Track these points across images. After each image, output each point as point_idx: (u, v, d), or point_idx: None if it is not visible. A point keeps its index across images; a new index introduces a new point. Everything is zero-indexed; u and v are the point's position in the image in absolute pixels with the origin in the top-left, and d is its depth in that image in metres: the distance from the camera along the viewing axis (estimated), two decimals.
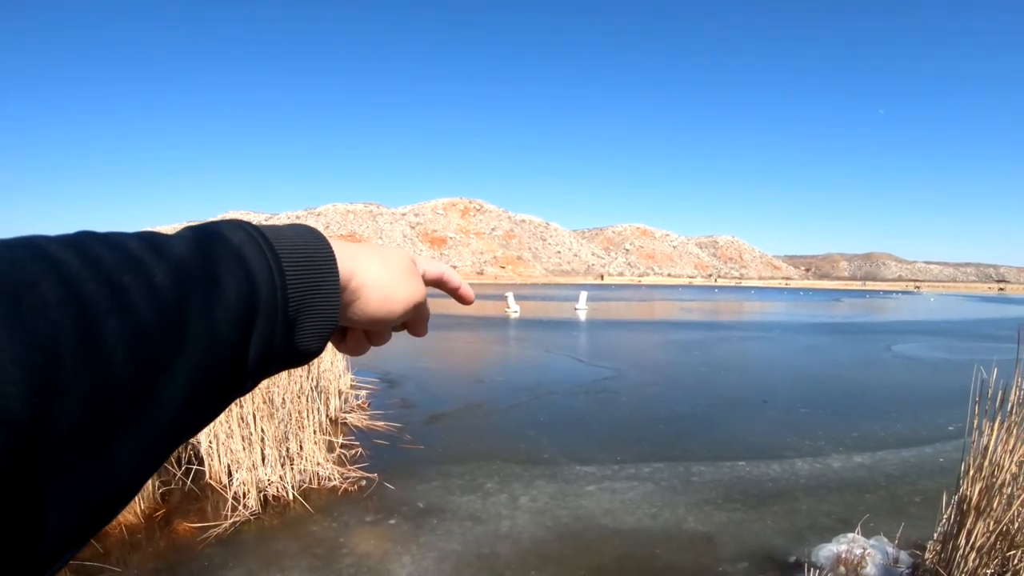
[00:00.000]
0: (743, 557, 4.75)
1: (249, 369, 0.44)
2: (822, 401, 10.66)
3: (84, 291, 0.32)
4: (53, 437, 0.29)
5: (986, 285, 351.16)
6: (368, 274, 0.55)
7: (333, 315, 0.50)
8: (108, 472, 0.33)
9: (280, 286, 0.45)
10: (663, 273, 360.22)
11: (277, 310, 0.45)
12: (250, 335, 0.43)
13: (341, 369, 9.25)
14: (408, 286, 0.59)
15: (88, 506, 0.33)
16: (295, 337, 0.48)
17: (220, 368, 0.40)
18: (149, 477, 0.38)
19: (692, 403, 10.42)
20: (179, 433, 0.39)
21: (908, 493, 6.11)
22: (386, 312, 0.57)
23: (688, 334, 23.54)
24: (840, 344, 20.86)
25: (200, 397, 0.39)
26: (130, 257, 0.36)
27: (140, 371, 0.34)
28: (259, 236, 0.46)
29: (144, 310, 0.35)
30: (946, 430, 8.45)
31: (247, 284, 0.43)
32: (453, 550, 4.76)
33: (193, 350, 0.38)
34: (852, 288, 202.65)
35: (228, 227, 0.46)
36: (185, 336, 0.37)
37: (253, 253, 0.44)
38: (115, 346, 0.32)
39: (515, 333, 21.77)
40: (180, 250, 0.40)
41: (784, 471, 6.73)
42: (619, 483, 6.25)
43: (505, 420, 8.94)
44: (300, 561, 4.56)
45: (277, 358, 0.47)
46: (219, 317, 0.40)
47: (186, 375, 0.37)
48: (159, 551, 4.77)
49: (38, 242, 0.33)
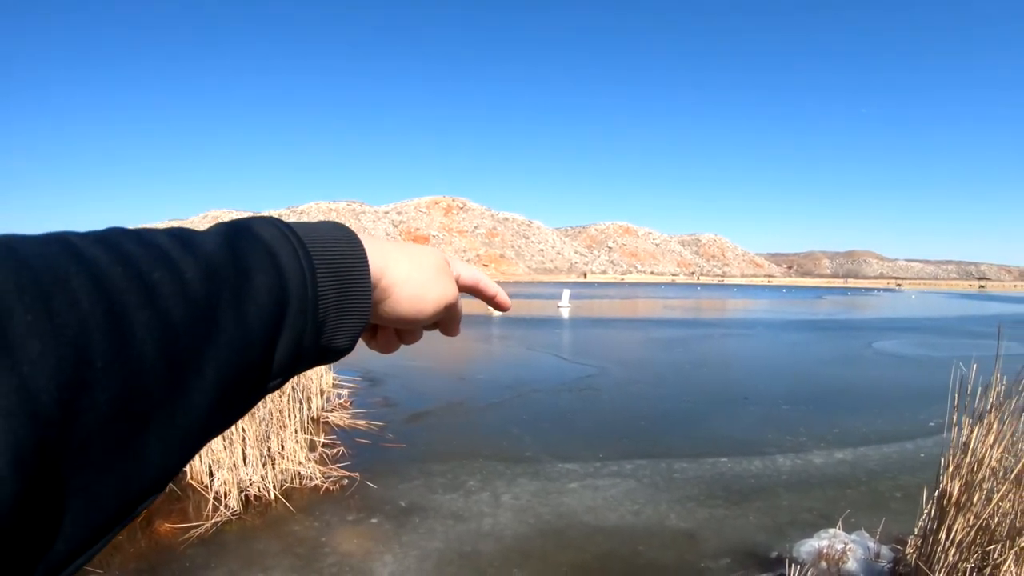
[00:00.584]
0: (725, 553, 4.78)
1: (279, 366, 0.44)
2: (804, 398, 10.75)
3: (114, 287, 0.32)
4: (82, 432, 0.29)
5: (967, 282, 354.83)
6: (399, 272, 0.55)
7: (364, 313, 0.50)
8: (136, 467, 0.33)
9: (311, 284, 0.45)
10: (646, 271, 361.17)
11: (308, 308, 0.45)
12: (280, 332, 0.43)
13: (323, 368, 9.21)
14: (439, 286, 0.59)
15: (117, 500, 0.33)
16: (325, 335, 0.48)
17: (250, 364, 0.41)
18: (178, 472, 0.38)
19: (674, 400, 10.48)
20: (208, 429, 0.39)
21: (889, 488, 6.17)
22: (416, 311, 0.57)
23: (671, 331, 23.67)
24: (822, 341, 21.04)
25: (229, 393, 0.39)
26: (161, 253, 0.36)
27: (170, 367, 0.34)
28: (291, 233, 0.46)
29: (174, 307, 0.35)
30: (926, 426, 8.53)
31: (278, 281, 0.43)
32: (435, 548, 4.76)
33: (223, 347, 0.38)
34: (834, 286, 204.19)
35: (259, 223, 0.46)
36: (215, 333, 0.38)
37: (284, 250, 0.44)
38: (145, 342, 0.33)
39: (498, 331, 21.75)
40: (211, 247, 0.40)
41: (766, 467, 6.78)
42: (601, 480, 6.27)
43: (487, 418, 8.94)
44: (282, 561, 4.55)
45: (307, 356, 0.47)
46: (249, 314, 0.40)
47: (216, 371, 0.37)
48: (140, 552, 4.73)
49: (69, 238, 0.33)
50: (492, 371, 13.60)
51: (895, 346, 19.48)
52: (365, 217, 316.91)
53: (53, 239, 0.33)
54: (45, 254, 0.31)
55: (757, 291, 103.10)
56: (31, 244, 0.31)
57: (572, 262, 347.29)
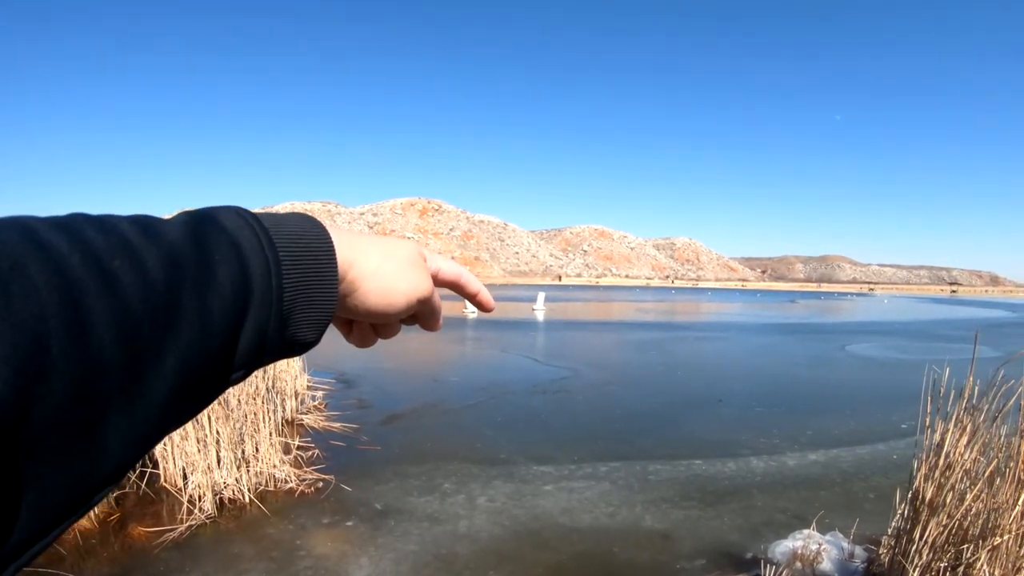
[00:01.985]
0: (700, 554, 4.82)
1: (241, 359, 0.43)
2: (777, 400, 10.85)
3: (73, 275, 0.32)
4: (37, 419, 0.29)
5: (939, 287, 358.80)
6: (368, 265, 0.54)
7: (330, 306, 0.49)
8: (93, 457, 0.33)
9: (276, 275, 0.44)
10: (621, 274, 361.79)
11: (271, 300, 0.44)
12: (243, 324, 0.42)
13: (297, 370, 9.15)
14: (411, 279, 0.57)
15: (72, 490, 0.33)
16: (291, 328, 0.47)
17: (211, 356, 0.40)
18: (135, 463, 0.38)
19: (649, 402, 10.53)
20: (167, 420, 0.39)
21: (863, 489, 6.25)
22: (385, 305, 0.56)
23: (645, 334, 23.75)
24: (795, 344, 21.22)
25: (190, 384, 0.39)
26: (121, 241, 0.36)
27: (128, 356, 0.34)
28: (256, 223, 0.46)
29: (133, 295, 0.35)
30: (899, 428, 8.64)
31: (241, 272, 0.42)
32: (411, 551, 4.76)
33: (184, 337, 0.38)
34: (807, 290, 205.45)
35: (224, 213, 0.45)
36: (176, 322, 0.37)
37: (248, 241, 0.44)
38: (103, 330, 0.32)
39: (472, 333, 21.72)
40: (174, 235, 0.40)
41: (740, 469, 6.84)
42: (576, 482, 6.30)
43: (462, 420, 8.94)
44: (257, 564, 4.53)
45: (271, 348, 0.46)
46: (211, 305, 0.40)
47: (176, 362, 0.37)
48: (114, 556, 4.69)
49: (29, 223, 0.33)
50: (466, 373, 13.58)
51: (868, 349, 19.70)
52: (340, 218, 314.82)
53: (12, 224, 0.32)
54: (3, 240, 0.31)
55: (731, 295, 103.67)
56: None
57: (547, 265, 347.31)
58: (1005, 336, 23.26)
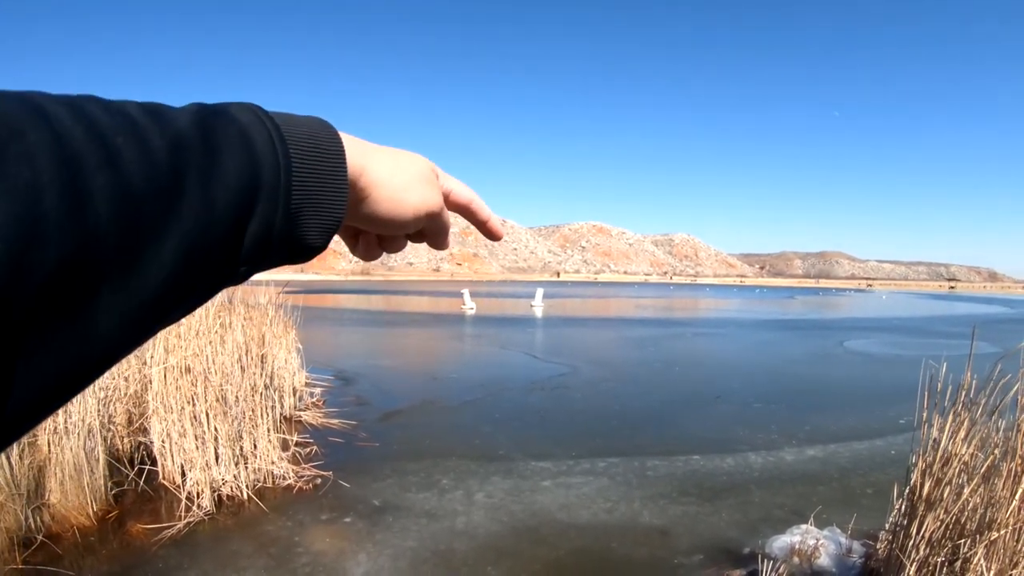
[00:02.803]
0: (698, 549, 4.83)
1: (247, 253, 0.42)
2: (775, 396, 10.86)
3: (74, 145, 0.31)
4: (29, 288, 0.29)
5: (937, 283, 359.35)
6: (380, 173, 0.53)
7: (340, 211, 0.49)
8: (85, 335, 0.33)
9: (285, 170, 0.44)
10: (619, 270, 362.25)
11: (279, 198, 0.43)
12: (249, 218, 0.41)
13: (296, 367, 9.17)
14: (422, 192, 0.56)
15: (60, 370, 0.32)
16: (298, 229, 0.46)
17: (212, 246, 0.39)
18: (128, 351, 0.37)
19: (647, 399, 10.55)
20: (164, 307, 0.38)
21: (860, 485, 6.25)
22: (395, 215, 0.55)
23: (643, 331, 23.78)
24: (793, 340, 21.23)
25: (189, 272, 0.38)
26: (128, 120, 0.35)
27: (126, 233, 0.33)
28: (268, 120, 0.45)
29: (135, 173, 0.34)
30: (897, 423, 8.63)
31: (249, 165, 0.41)
32: (409, 547, 4.76)
33: (185, 221, 0.37)
34: (806, 286, 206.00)
35: (237, 107, 0.44)
36: (178, 206, 0.36)
37: (260, 136, 0.43)
38: (101, 204, 0.32)
39: (471, 330, 21.75)
40: (182, 122, 0.39)
41: (738, 464, 6.84)
42: (574, 478, 6.30)
43: (460, 417, 8.95)
44: (255, 561, 4.53)
45: (278, 247, 0.45)
46: (216, 193, 0.39)
47: (176, 246, 0.36)
48: (112, 553, 4.69)
49: (34, 96, 0.33)
50: (465, 370, 13.59)
51: (866, 345, 19.71)
52: None
53: (17, 95, 0.32)
54: (4, 108, 0.30)
55: (730, 291, 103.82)
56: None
57: (545, 261, 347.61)
58: (1003, 332, 23.25)
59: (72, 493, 5.04)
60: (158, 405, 5.57)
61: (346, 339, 18.40)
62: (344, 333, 19.65)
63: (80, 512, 5.05)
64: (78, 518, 5.01)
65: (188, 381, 5.54)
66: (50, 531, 4.82)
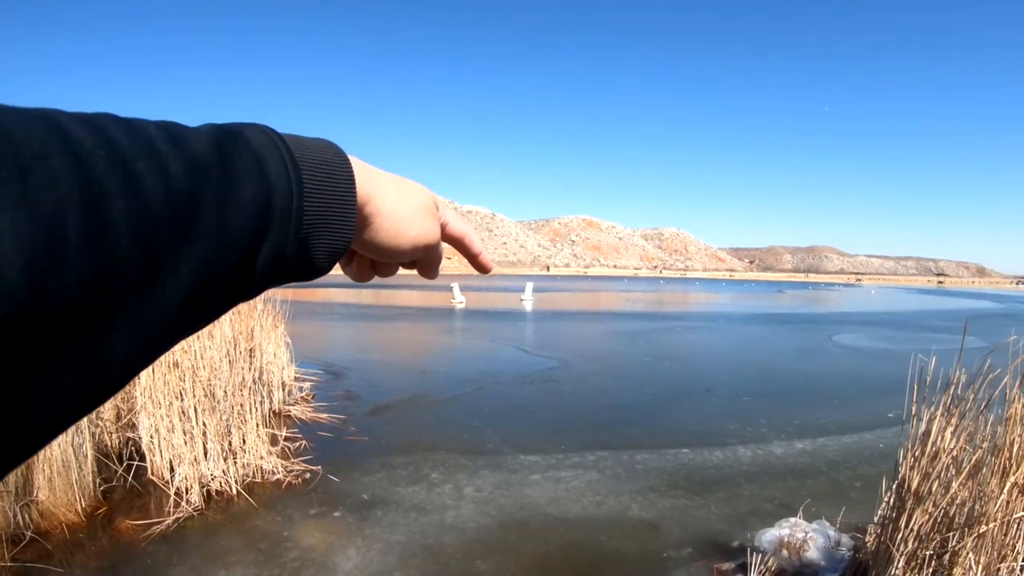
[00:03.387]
0: (687, 543, 4.84)
1: (257, 276, 0.43)
2: (764, 389, 10.91)
3: (95, 171, 0.32)
4: (49, 313, 0.29)
5: (926, 278, 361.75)
6: (385, 202, 0.54)
7: (347, 235, 0.50)
8: (102, 357, 0.33)
9: (297, 196, 0.45)
10: (609, 264, 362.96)
11: (291, 221, 0.44)
12: (262, 241, 0.42)
13: (285, 361, 9.14)
14: (421, 225, 0.58)
15: (78, 390, 0.33)
16: (307, 252, 0.47)
17: (226, 269, 0.40)
18: (142, 369, 0.38)
19: (636, 392, 10.57)
20: (178, 328, 0.39)
21: (849, 478, 6.29)
22: (394, 245, 0.56)
23: (633, 324, 23.83)
24: (782, 334, 21.34)
25: (203, 294, 0.39)
26: (148, 143, 0.36)
27: (144, 258, 0.34)
28: (282, 144, 0.46)
29: (154, 198, 0.34)
30: (885, 417, 8.69)
31: (264, 189, 0.42)
32: (398, 541, 4.76)
33: (201, 245, 0.38)
34: (795, 280, 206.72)
35: (251, 130, 0.45)
36: (194, 230, 0.37)
37: (274, 160, 0.44)
38: (121, 229, 0.32)
39: (460, 324, 21.74)
40: (199, 145, 0.40)
41: (727, 458, 6.87)
42: (564, 472, 6.31)
43: (449, 411, 8.95)
44: (245, 556, 4.52)
45: (286, 269, 0.46)
46: (231, 217, 0.40)
47: (191, 269, 0.37)
48: (102, 550, 4.67)
49: (57, 116, 0.33)
50: (454, 364, 13.57)
51: (855, 339, 19.84)
52: None
53: (40, 115, 0.32)
54: (29, 129, 0.30)
55: (719, 285, 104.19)
56: (16, 116, 0.31)
57: (535, 255, 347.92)
58: (991, 326, 23.41)
59: (60, 490, 5.01)
60: (146, 400, 5.54)
61: (336, 333, 18.34)
62: (334, 327, 19.59)
63: (69, 509, 5.02)
64: (67, 515, 4.98)
65: (176, 376, 5.51)
66: (39, 528, 4.79)
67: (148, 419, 5.59)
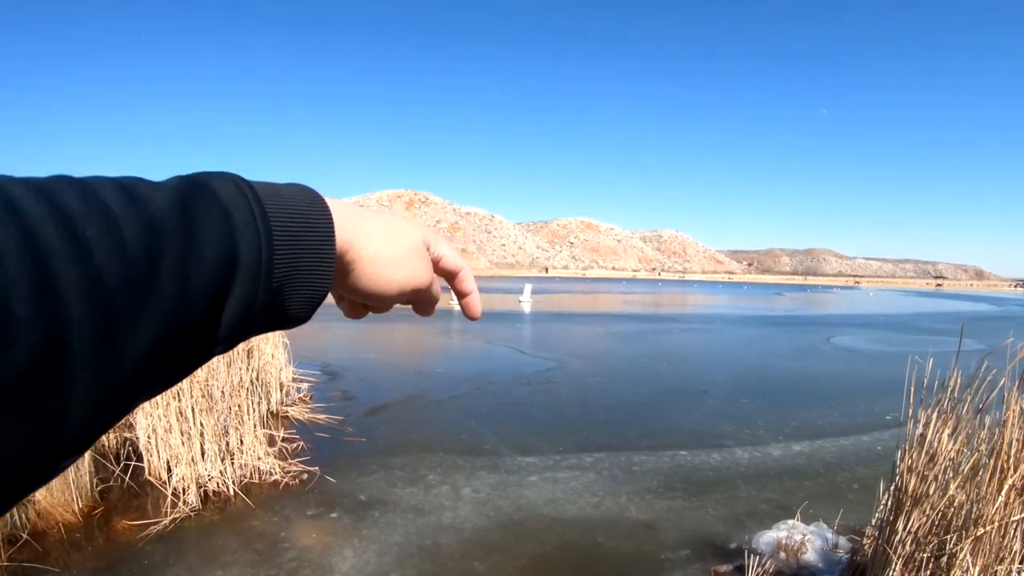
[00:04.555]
0: (684, 544, 4.84)
1: (225, 331, 0.42)
2: (762, 391, 10.91)
3: (44, 241, 0.31)
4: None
5: (924, 281, 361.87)
6: (366, 249, 0.53)
7: (324, 286, 0.48)
8: (57, 426, 0.33)
9: (266, 249, 0.43)
10: (607, 266, 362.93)
11: (260, 274, 0.43)
12: (226, 297, 0.41)
13: (282, 362, 9.12)
14: (409, 268, 0.56)
15: (31, 457, 0.32)
16: (281, 304, 0.46)
17: (190, 328, 0.39)
18: (103, 432, 0.37)
19: (633, 393, 10.56)
20: (140, 389, 0.38)
21: (846, 480, 6.28)
22: (378, 291, 0.55)
23: (631, 326, 23.83)
24: (780, 336, 21.34)
25: (164, 357, 0.38)
26: (100, 207, 0.35)
27: (98, 327, 0.33)
28: (250, 193, 0.44)
29: (106, 264, 0.34)
30: (883, 419, 8.70)
31: (228, 244, 0.41)
32: (395, 542, 4.75)
33: (160, 309, 0.37)
34: (794, 283, 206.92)
35: (218, 180, 0.44)
36: (152, 295, 0.36)
37: (241, 211, 0.43)
38: (72, 301, 0.32)
39: (458, 325, 21.69)
40: (159, 202, 0.38)
41: (724, 459, 6.86)
42: (561, 473, 6.31)
43: (446, 411, 8.93)
44: (241, 556, 4.51)
45: (259, 322, 0.45)
46: (192, 275, 0.38)
47: (151, 334, 0.36)
48: (98, 550, 4.65)
49: (4, 187, 0.32)
50: (452, 365, 13.55)
51: (852, 341, 19.85)
52: None
53: None
54: None
55: (717, 287, 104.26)
56: None
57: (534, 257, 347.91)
58: (989, 329, 23.44)
59: (57, 490, 5.00)
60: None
61: (333, 334, 18.29)
62: (331, 328, 19.54)
63: (65, 509, 5.01)
64: (63, 515, 4.97)
65: None
66: (35, 528, 4.78)
67: (145, 419, 5.59)
